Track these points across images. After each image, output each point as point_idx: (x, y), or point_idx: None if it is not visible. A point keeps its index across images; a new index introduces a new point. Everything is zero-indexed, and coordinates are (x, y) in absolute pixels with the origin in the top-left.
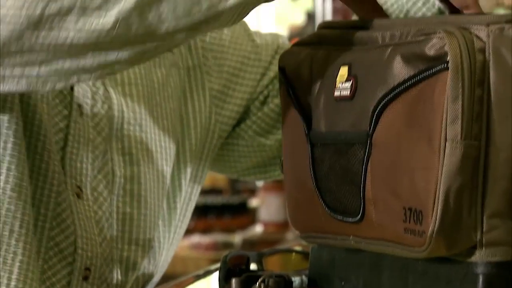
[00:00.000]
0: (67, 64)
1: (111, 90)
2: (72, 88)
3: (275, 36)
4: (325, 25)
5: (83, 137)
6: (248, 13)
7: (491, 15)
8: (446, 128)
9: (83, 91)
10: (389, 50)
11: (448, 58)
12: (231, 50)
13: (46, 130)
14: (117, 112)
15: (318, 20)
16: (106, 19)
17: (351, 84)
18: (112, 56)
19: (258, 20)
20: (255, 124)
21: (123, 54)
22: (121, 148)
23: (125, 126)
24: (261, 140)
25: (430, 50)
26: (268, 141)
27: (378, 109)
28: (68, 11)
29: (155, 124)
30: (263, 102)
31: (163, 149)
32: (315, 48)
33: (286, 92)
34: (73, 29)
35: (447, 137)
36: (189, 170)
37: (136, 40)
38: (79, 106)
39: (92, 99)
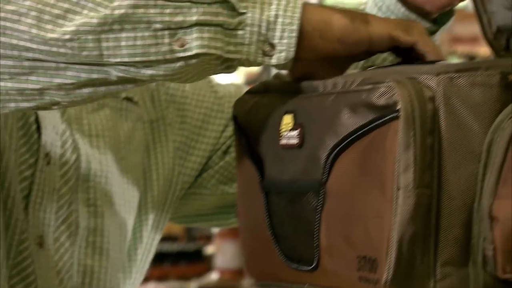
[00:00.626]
0: (8, 85)
1: (79, 141)
2: (39, 136)
3: (238, 87)
4: (277, 77)
5: (48, 186)
6: (205, 76)
7: (440, 64)
8: (398, 177)
9: (52, 140)
10: (332, 97)
11: (399, 107)
12: (194, 102)
13: (12, 178)
14: (85, 163)
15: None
16: (62, 30)
17: (299, 133)
18: (58, 79)
19: None
20: (218, 173)
21: (68, 78)
22: (86, 199)
23: (92, 177)
24: (224, 188)
25: (379, 99)
26: (231, 189)
27: (330, 158)
28: (23, 15)
29: (119, 177)
30: (225, 152)
31: (126, 202)
32: (262, 96)
33: (238, 140)
34: (27, 37)
35: (400, 186)
36: (150, 222)
37: (87, 62)
38: (47, 155)
39: (62, 148)
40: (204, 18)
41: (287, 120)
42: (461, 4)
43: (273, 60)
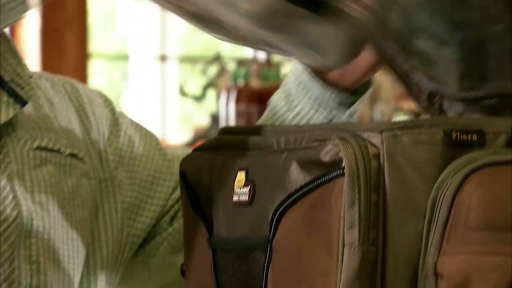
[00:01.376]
0: None
1: (20, 197)
2: None
3: (186, 150)
4: (225, 131)
5: None
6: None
7: (384, 122)
8: (343, 234)
9: None
10: (285, 155)
11: (344, 164)
12: (142, 164)
13: None
14: (26, 220)
15: (222, 122)
16: None
17: (249, 190)
18: None
19: (163, 122)
20: (166, 241)
21: None
22: (28, 256)
23: (34, 234)
24: (172, 258)
25: (325, 156)
26: (179, 258)
27: (277, 214)
28: None
29: (64, 233)
30: (173, 217)
31: (71, 259)
32: (214, 154)
33: (186, 197)
34: None
35: (345, 243)
36: (99, 282)
37: None
38: None
39: (1, 205)
40: None
41: (240, 177)
42: None
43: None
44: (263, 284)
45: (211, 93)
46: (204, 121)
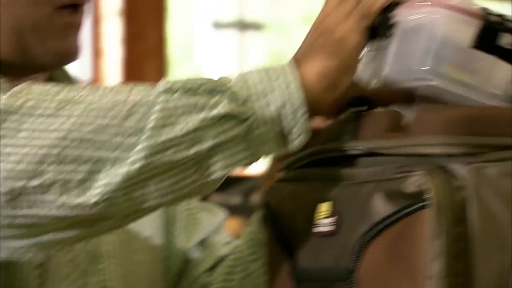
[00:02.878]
0: (49, 237)
1: None
2: None
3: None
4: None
5: (59, 273)
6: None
7: (471, 156)
8: (428, 266)
9: None
10: (369, 186)
11: (428, 196)
12: None
13: (23, 267)
14: (95, 246)
15: None
16: (88, 195)
17: (333, 221)
18: (95, 228)
19: None
20: None
21: (105, 225)
22: (98, 282)
23: (104, 259)
24: None
25: (410, 187)
26: None
27: (360, 246)
28: (49, 187)
29: (133, 256)
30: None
31: (146, 279)
32: (297, 184)
33: (270, 227)
34: (54, 206)
35: (429, 275)
36: None
37: (119, 214)
38: None
39: None
40: (220, 140)
41: (324, 208)
42: None
43: (296, 144)
44: None
45: None
46: None
